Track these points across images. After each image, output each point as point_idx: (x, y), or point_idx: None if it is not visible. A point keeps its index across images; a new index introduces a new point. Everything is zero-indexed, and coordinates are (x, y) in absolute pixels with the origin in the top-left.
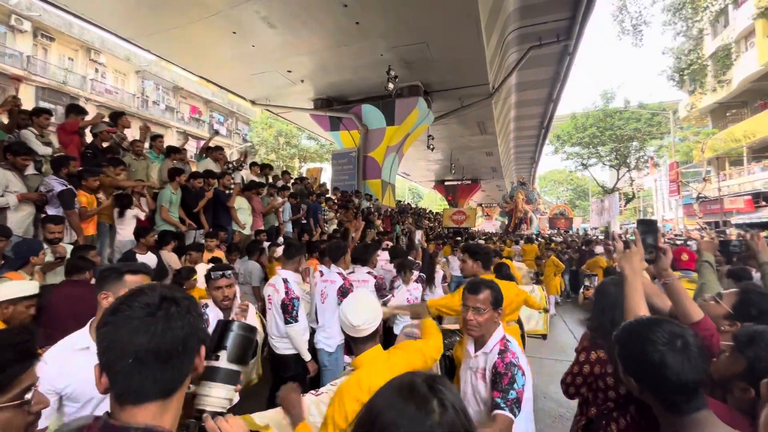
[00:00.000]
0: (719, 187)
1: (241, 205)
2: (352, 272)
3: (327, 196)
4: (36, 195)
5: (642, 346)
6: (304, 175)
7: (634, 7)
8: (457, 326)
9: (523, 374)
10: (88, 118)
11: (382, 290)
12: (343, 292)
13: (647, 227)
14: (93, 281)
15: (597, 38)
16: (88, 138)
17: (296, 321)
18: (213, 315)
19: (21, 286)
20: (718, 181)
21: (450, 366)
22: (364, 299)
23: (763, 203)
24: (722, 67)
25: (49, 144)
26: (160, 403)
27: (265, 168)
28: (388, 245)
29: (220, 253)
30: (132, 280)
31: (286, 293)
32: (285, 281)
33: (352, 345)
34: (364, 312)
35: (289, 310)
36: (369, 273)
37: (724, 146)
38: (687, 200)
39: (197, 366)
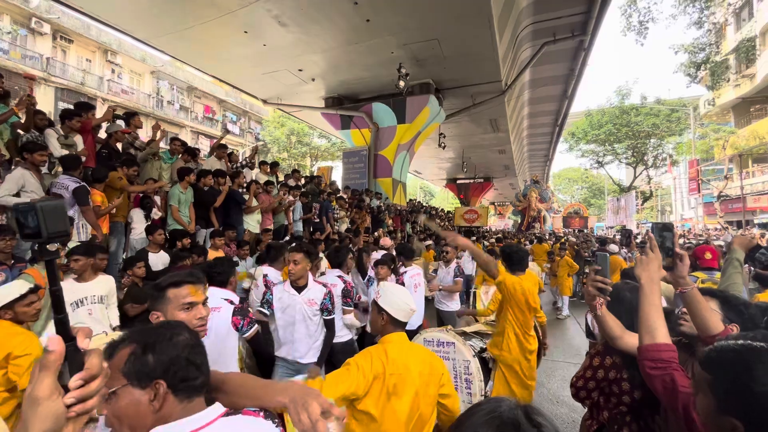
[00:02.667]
0: (742, 185)
1: (252, 204)
2: (323, 274)
3: (338, 195)
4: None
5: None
6: (316, 173)
7: (642, 3)
8: (485, 328)
9: None
10: (98, 114)
11: (348, 298)
12: (345, 295)
13: (663, 230)
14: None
15: (614, 33)
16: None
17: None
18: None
19: (7, 289)
20: (741, 179)
21: (485, 366)
22: (402, 290)
23: None
24: (746, 60)
25: (71, 146)
26: None
27: (275, 166)
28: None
29: (220, 253)
30: (176, 294)
31: (266, 286)
32: (265, 276)
33: (392, 327)
34: (414, 299)
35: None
36: (339, 277)
37: (747, 143)
38: (707, 199)
39: None
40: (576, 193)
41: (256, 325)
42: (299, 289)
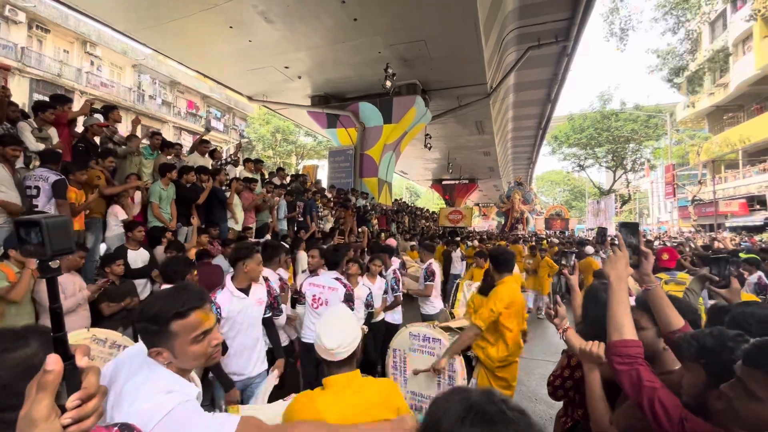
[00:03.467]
0: (714, 190)
1: (235, 202)
2: (316, 275)
3: (323, 193)
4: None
5: None
6: (301, 172)
7: (624, 11)
8: (467, 323)
9: None
10: (76, 107)
11: (351, 302)
12: (348, 299)
13: (629, 230)
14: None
15: (596, 39)
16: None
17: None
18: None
19: None
20: (713, 184)
21: (469, 364)
22: (342, 318)
23: (758, 206)
24: (720, 70)
25: (46, 139)
26: None
27: (258, 163)
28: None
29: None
30: (184, 327)
31: (268, 293)
32: (266, 280)
33: (325, 368)
34: (341, 333)
35: (274, 307)
36: (337, 279)
37: (720, 150)
38: (682, 203)
39: None
40: (558, 196)
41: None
42: (246, 290)
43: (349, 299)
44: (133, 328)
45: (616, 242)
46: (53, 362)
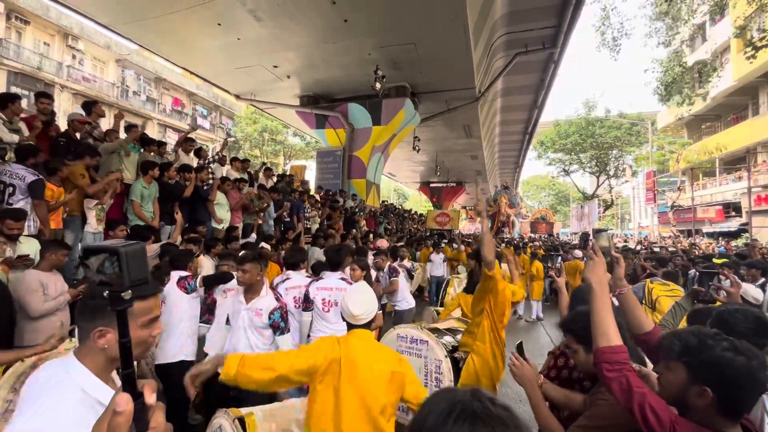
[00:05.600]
0: (692, 196)
1: (219, 201)
2: (320, 278)
3: (310, 194)
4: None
5: None
6: (289, 172)
7: (616, 19)
8: (457, 324)
9: None
10: (56, 102)
11: None
12: None
13: (601, 236)
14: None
15: (581, 47)
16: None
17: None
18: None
19: None
20: (692, 191)
21: (456, 366)
22: (366, 292)
23: (733, 213)
24: (699, 81)
25: (17, 131)
26: None
27: (245, 163)
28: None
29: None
30: (141, 309)
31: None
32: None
33: (349, 330)
34: (365, 304)
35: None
36: (343, 279)
37: (698, 158)
38: (662, 208)
39: None
40: (543, 200)
41: None
42: (248, 298)
43: None
44: (71, 311)
45: (591, 248)
46: (124, 402)
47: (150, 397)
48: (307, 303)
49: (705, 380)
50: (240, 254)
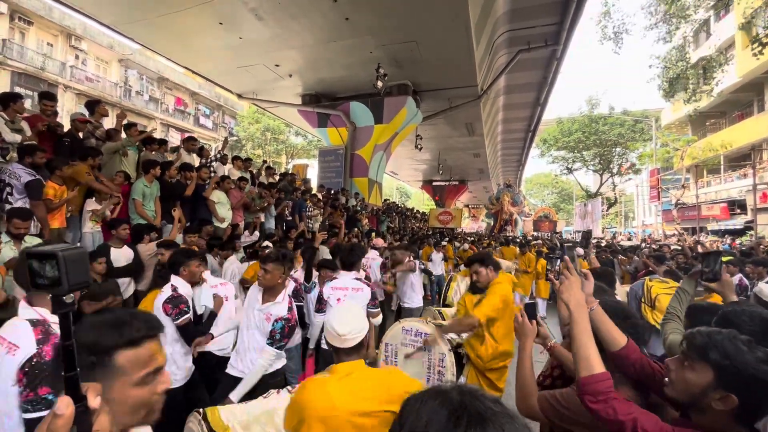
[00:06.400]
0: (697, 194)
1: (220, 199)
2: (335, 279)
3: (312, 192)
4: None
5: None
6: (291, 171)
7: (617, 15)
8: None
9: None
10: (61, 102)
11: (375, 300)
12: (373, 298)
13: (571, 250)
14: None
15: (584, 45)
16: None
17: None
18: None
19: None
20: (696, 188)
21: (459, 361)
22: (353, 309)
23: (738, 210)
24: (704, 77)
25: (20, 131)
26: None
27: (247, 162)
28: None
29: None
30: (132, 360)
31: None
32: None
33: (334, 355)
34: (351, 321)
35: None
36: (359, 279)
37: (702, 155)
38: (666, 206)
39: None
40: (546, 198)
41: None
42: (264, 299)
43: (374, 298)
44: None
45: (564, 266)
46: (64, 405)
47: (93, 401)
48: (320, 304)
49: (733, 387)
50: (265, 253)
